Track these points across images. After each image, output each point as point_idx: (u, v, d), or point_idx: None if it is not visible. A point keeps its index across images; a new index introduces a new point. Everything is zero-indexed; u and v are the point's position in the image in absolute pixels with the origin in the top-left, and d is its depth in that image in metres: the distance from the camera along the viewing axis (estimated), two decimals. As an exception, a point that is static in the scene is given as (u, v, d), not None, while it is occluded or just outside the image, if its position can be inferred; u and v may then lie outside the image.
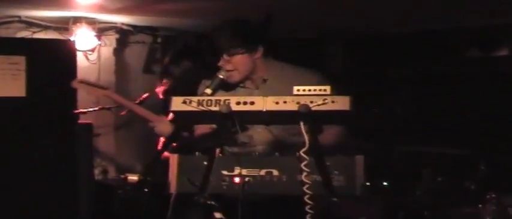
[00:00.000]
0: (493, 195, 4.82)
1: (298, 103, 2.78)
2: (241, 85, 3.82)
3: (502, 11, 6.03)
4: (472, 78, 6.83)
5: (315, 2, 5.89)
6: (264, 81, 3.79)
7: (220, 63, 3.69)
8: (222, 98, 2.89)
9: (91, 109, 6.38)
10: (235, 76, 3.73)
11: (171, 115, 3.68)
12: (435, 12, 6.27)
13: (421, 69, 7.25)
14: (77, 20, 6.86)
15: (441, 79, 7.07)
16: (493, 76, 6.73)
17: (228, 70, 3.69)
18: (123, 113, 5.93)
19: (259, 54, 3.75)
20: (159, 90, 6.83)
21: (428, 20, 6.76)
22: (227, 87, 3.76)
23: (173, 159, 2.97)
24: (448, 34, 7.06)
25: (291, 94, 2.85)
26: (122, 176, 7.02)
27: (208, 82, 3.67)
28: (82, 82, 4.53)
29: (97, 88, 4.51)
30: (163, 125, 4.11)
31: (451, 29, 7.00)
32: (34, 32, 6.94)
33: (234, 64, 3.69)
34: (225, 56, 3.67)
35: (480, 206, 4.89)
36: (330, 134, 2.95)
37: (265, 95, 2.88)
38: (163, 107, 5.50)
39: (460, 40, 7.07)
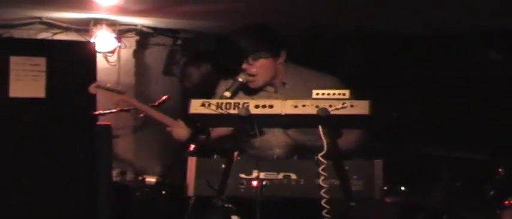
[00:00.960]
0: (512, 200, 4.80)
1: (317, 106, 2.78)
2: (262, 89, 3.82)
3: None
4: (492, 80, 6.79)
5: (333, 3, 5.88)
6: (284, 84, 3.79)
7: (243, 66, 3.68)
8: (241, 101, 2.89)
9: (110, 111, 6.39)
10: (259, 82, 3.72)
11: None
12: (453, 13, 6.25)
13: (441, 71, 7.22)
14: (97, 22, 6.88)
15: (461, 81, 7.03)
16: (512, 79, 6.69)
17: (250, 75, 3.68)
18: (141, 115, 5.94)
19: (282, 59, 3.75)
20: None
21: (446, 21, 6.73)
22: (247, 90, 3.76)
23: (191, 162, 2.98)
24: (468, 36, 7.02)
25: (309, 98, 2.85)
26: (140, 177, 7.03)
27: (229, 82, 3.67)
28: (99, 87, 4.58)
29: (114, 93, 4.55)
30: (181, 130, 4.12)
31: (471, 31, 6.96)
32: (55, 34, 6.97)
33: (258, 68, 3.68)
34: (249, 59, 3.67)
35: (499, 211, 4.87)
36: (348, 141, 2.94)
37: (284, 99, 2.89)
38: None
39: (479, 42, 7.04)
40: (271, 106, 2.85)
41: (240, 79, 3.65)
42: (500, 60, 6.98)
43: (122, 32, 7.24)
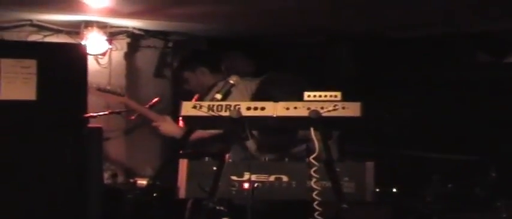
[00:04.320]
0: (503, 202, 4.80)
1: (308, 108, 2.78)
2: None
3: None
4: (482, 83, 6.80)
5: (323, 6, 5.88)
6: None
7: None
8: (233, 103, 2.88)
9: (101, 113, 6.39)
10: None
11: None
12: (444, 16, 6.26)
13: (431, 74, 7.23)
14: (88, 24, 6.86)
15: (451, 84, 7.04)
16: (503, 81, 6.70)
17: None
18: (132, 117, 5.97)
19: None
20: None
21: (438, 24, 6.74)
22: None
23: (183, 164, 2.97)
24: (458, 39, 7.04)
25: None
26: (131, 180, 7.01)
27: (221, 84, 3.68)
28: (100, 90, 4.61)
29: (115, 96, 4.59)
30: (167, 125, 4.13)
31: (461, 34, 6.98)
32: (45, 36, 6.95)
33: None
34: None
35: (490, 212, 4.88)
36: None
37: None
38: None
39: (469, 45, 7.05)
40: (263, 108, 2.85)
41: (232, 82, 3.65)
42: (489, 62, 7.00)
43: (113, 34, 7.22)
